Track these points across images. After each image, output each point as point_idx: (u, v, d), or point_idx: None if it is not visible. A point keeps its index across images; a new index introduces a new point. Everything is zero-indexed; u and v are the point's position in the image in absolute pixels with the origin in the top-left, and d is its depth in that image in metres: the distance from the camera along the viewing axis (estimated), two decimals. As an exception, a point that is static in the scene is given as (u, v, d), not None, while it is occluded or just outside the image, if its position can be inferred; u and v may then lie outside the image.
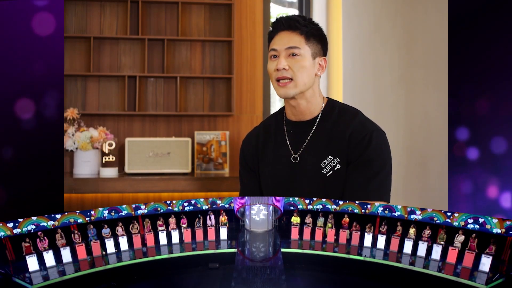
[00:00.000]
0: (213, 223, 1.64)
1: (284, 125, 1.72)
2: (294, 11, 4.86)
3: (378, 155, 1.60)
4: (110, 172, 3.64)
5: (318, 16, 4.34)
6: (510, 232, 1.32)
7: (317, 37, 1.63)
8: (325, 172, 1.62)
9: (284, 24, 1.61)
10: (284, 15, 1.68)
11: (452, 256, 1.36)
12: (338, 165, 1.60)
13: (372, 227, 1.53)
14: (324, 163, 1.61)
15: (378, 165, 1.60)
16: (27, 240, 1.36)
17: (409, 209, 1.49)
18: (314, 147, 1.65)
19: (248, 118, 4.05)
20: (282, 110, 1.78)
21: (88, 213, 1.53)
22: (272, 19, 4.43)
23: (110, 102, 3.97)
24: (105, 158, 3.69)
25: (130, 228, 1.56)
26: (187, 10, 4.07)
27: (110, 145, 3.68)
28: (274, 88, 1.66)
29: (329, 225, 1.58)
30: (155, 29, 4.01)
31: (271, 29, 1.67)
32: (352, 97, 3.64)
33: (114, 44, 3.96)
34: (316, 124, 1.66)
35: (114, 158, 3.70)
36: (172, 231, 1.60)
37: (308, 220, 1.66)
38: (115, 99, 3.97)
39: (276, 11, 4.82)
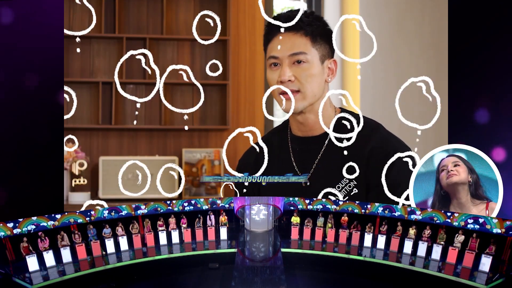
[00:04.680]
0: (213, 223, 1.64)
1: (289, 141, 1.49)
2: (302, 5, 4.35)
3: (406, 177, 1.36)
4: (81, 198, 2.96)
5: (330, 11, 3.90)
6: (510, 232, 1.33)
7: (324, 37, 1.38)
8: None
9: (284, 23, 1.37)
10: (282, 12, 1.43)
11: (452, 256, 1.37)
12: (355, 189, 1.40)
13: (372, 227, 1.53)
14: (339, 187, 1.41)
15: (405, 189, 1.37)
16: (25, 240, 1.36)
17: (409, 209, 1.49)
18: (326, 168, 1.42)
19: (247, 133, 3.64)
20: (286, 123, 1.53)
21: (88, 213, 1.53)
22: (276, 14, 4.14)
23: (80, 113, 3.35)
24: (75, 181, 3.15)
25: (130, 228, 1.56)
26: (173, 3, 3.50)
27: (81, 165, 3.16)
28: (277, 102, 1.42)
29: (329, 225, 1.58)
30: (135, 26, 3.42)
31: (266, 30, 1.42)
32: (371, 110, 3.22)
33: (85, 44, 3.37)
34: (327, 139, 1.43)
35: (85, 181, 3.11)
36: (172, 231, 1.60)
37: (308, 222, 1.66)
38: (87, 110, 3.33)
39: (281, 4, 4.34)
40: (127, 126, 3.51)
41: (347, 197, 1.41)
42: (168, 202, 1.64)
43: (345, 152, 1.39)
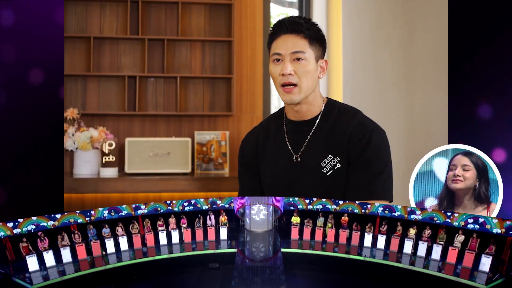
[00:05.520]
0: (213, 223, 1.64)
1: (284, 124, 1.73)
2: (294, 11, 4.84)
3: (377, 154, 1.60)
4: (110, 172, 3.66)
5: (318, 16, 4.33)
6: (510, 232, 1.32)
7: (319, 40, 1.62)
8: (325, 172, 1.62)
9: (288, 27, 1.59)
10: (286, 17, 1.66)
11: (452, 256, 1.36)
12: (338, 164, 1.60)
13: (372, 227, 1.53)
14: (324, 162, 1.61)
15: (378, 165, 1.60)
16: (24, 240, 1.36)
17: (409, 209, 1.49)
18: (314, 147, 1.65)
19: (248, 118, 4.06)
20: (281, 110, 1.78)
21: (88, 213, 1.53)
22: (272, 19, 4.43)
23: (110, 102, 3.99)
24: (105, 158, 3.70)
25: (130, 228, 1.56)
26: (187, 10, 4.08)
27: (110, 145, 3.68)
28: (278, 93, 1.65)
29: (329, 225, 1.58)
30: (155, 29, 4.02)
31: (272, 31, 1.65)
32: (352, 98, 3.65)
33: (114, 44, 3.98)
34: (316, 123, 1.66)
35: (114, 158, 3.71)
36: (172, 231, 1.60)
37: (308, 222, 1.66)
38: (115, 99, 3.99)
39: (276, 11, 4.82)
40: (148, 112, 4.13)
41: (331, 171, 1.61)
42: (168, 202, 1.64)
43: (330, 133, 1.63)
